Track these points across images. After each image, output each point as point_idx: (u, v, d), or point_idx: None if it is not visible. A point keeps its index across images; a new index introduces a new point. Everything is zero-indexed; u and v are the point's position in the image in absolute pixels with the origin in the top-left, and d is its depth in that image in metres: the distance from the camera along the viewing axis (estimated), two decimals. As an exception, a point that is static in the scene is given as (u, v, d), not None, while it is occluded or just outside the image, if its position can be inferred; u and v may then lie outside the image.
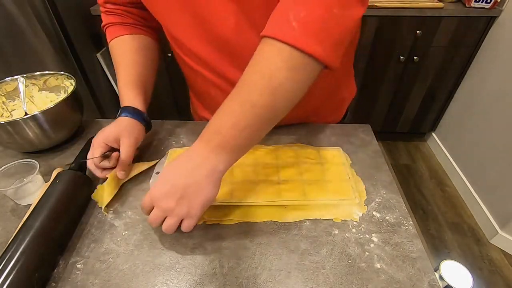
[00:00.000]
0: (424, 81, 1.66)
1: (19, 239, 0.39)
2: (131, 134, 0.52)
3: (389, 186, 0.53)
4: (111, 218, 0.48)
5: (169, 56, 1.55)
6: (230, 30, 0.47)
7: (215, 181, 0.40)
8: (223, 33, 0.48)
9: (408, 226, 0.46)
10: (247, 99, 0.37)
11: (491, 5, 1.38)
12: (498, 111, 1.42)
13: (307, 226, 0.47)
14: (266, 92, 0.36)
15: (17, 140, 0.55)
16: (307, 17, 0.34)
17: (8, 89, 0.65)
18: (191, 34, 0.52)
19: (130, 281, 0.40)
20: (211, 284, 0.40)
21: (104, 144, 0.51)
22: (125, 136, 0.51)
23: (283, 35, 0.34)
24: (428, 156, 1.90)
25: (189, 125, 0.68)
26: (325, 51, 0.35)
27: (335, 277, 0.40)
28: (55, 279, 0.40)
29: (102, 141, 0.50)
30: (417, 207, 1.59)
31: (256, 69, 0.37)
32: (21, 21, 1.22)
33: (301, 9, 0.34)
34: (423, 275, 0.40)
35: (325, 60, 0.36)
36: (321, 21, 0.34)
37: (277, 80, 0.36)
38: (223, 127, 0.39)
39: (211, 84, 0.59)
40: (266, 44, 0.37)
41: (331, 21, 0.34)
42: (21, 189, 0.49)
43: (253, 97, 0.37)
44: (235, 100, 0.39)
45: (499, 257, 1.35)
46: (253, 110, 0.37)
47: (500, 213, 1.38)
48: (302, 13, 0.34)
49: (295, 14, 0.34)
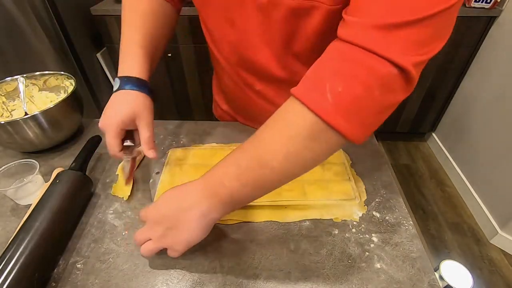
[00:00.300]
0: (424, 81, 1.66)
1: (19, 239, 0.39)
2: (146, 110, 0.46)
3: (389, 186, 0.53)
4: (111, 218, 0.48)
5: (169, 56, 1.56)
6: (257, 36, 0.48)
7: (206, 226, 0.38)
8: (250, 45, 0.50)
9: (408, 226, 0.46)
10: (258, 158, 0.34)
11: (491, 5, 1.38)
12: (498, 111, 1.42)
13: (307, 226, 0.47)
14: (279, 157, 0.33)
15: (17, 140, 0.55)
16: (343, 94, 0.30)
17: (8, 89, 0.65)
18: (224, 34, 0.52)
19: (130, 281, 0.40)
20: (211, 284, 0.40)
21: (120, 130, 0.45)
22: (142, 115, 0.46)
23: (314, 104, 0.31)
24: (428, 156, 1.90)
25: (189, 125, 0.68)
26: (354, 130, 0.32)
27: (335, 277, 0.40)
28: (55, 279, 0.40)
29: (118, 127, 0.45)
30: (417, 207, 1.59)
31: (276, 127, 0.34)
32: (21, 21, 1.22)
33: (339, 83, 0.30)
34: (423, 275, 0.40)
35: (351, 138, 0.32)
36: (358, 101, 0.30)
37: (294, 146, 0.33)
38: (226, 178, 0.36)
39: (233, 82, 0.60)
40: (293, 104, 0.33)
41: (369, 102, 0.31)
42: (21, 189, 0.49)
43: (265, 156, 0.34)
44: (245, 152, 0.36)
45: (499, 257, 1.35)
46: (262, 171, 0.34)
47: (500, 213, 1.38)
48: (339, 88, 0.30)
49: (331, 87, 0.30)
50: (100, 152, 0.60)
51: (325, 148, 0.34)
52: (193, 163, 0.56)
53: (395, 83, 0.30)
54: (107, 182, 0.54)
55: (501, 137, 1.39)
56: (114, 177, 0.55)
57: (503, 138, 1.38)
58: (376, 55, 0.28)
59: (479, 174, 1.53)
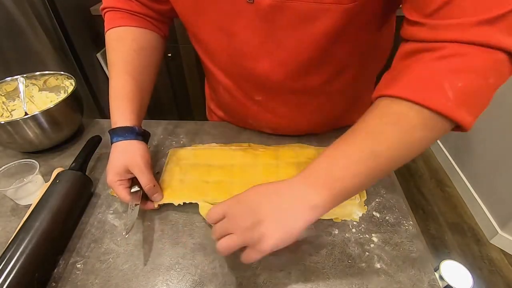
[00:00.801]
0: (424, 81, 1.65)
1: (19, 239, 0.39)
2: (137, 158, 0.47)
3: (389, 186, 0.53)
4: (111, 218, 0.48)
5: (169, 56, 1.56)
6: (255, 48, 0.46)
7: (310, 220, 0.35)
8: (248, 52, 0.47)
9: (408, 226, 0.46)
10: (371, 148, 0.34)
11: (491, 5, 1.38)
12: (498, 111, 1.42)
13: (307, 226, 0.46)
14: (395, 146, 0.34)
15: (17, 140, 0.55)
16: (464, 88, 0.32)
17: (8, 89, 0.65)
18: (219, 45, 0.49)
19: (130, 281, 0.40)
20: (211, 284, 0.40)
21: (119, 181, 0.46)
22: (134, 163, 0.46)
23: (435, 103, 0.32)
24: (428, 156, 1.90)
25: (189, 125, 0.68)
26: (472, 119, 0.34)
27: (335, 277, 0.40)
28: (55, 279, 0.40)
29: (116, 180, 0.46)
30: (417, 207, 1.59)
31: (387, 121, 0.35)
32: (21, 21, 1.22)
33: (458, 78, 0.32)
34: (423, 275, 0.40)
35: (468, 127, 0.34)
36: (477, 92, 0.33)
37: (411, 137, 0.34)
38: (335, 169, 0.35)
39: (230, 94, 0.57)
40: (397, 104, 0.34)
41: (486, 91, 0.33)
42: (21, 189, 0.49)
43: (379, 147, 0.34)
44: (353, 145, 0.36)
45: (499, 257, 1.35)
46: (376, 160, 0.34)
47: (500, 213, 1.38)
48: (459, 83, 0.32)
49: (451, 84, 0.32)
50: (100, 152, 0.60)
51: (440, 134, 0.36)
52: (193, 163, 0.56)
53: (505, 67, 0.32)
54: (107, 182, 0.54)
55: (501, 137, 1.39)
56: (114, 177, 0.55)
57: (503, 138, 1.38)
58: (486, 47, 0.31)
59: (479, 174, 1.53)
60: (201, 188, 0.50)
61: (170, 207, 0.49)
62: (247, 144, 0.61)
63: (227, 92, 0.58)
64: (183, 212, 0.49)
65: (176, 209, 0.49)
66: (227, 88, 0.57)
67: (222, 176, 0.53)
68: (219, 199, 0.48)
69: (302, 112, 0.57)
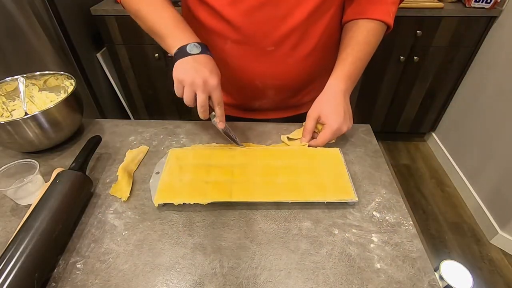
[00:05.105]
0: (424, 81, 1.66)
1: (19, 239, 0.39)
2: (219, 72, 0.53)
3: (389, 186, 0.53)
4: (111, 218, 0.48)
5: (169, 56, 1.55)
6: None
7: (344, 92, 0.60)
8: None
9: (408, 226, 0.46)
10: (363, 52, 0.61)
11: (491, 5, 1.38)
12: (498, 111, 1.42)
13: (307, 226, 0.47)
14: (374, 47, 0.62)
15: (17, 140, 0.55)
16: (396, 10, 0.62)
17: (8, 89, 0.65)
18: None
19: (130, 281, 0.40)
20: (211, 284, 0.40)
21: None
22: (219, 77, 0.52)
23: (390, 20, 0.60)
24: (428, 156, 1.90)
25: (189, 125, 0.68)
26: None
27: (335, 277, 0.40)
28: (55, 279, 0.40)
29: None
30: (417, 207, 1.59)
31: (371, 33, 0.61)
32: (21, 21, 1.22)
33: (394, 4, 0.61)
34: (423, 275, 0.40)
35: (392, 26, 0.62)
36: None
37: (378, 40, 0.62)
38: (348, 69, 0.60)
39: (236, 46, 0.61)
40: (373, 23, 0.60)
41: None
42: (21, 189, 0.49)
43: (369, 50, 0.62)
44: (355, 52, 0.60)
45: (499, 257, 1.35)
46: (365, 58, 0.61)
47: (500, 213, 1.38)
48: (394, 9, 0.61)
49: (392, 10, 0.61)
50: (100, 152, 0.60)
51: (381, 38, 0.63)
52: (193, 163, 0.56)
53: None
54: (107, 182, 0.54)
55: (501, 137, 1.39)
56: (114, 177, 0.55)
57: (503, 138, 1.38)
58: None
59: (479, 174, 1.53)
60: (201, 188, 0.50)
61: (170, 207, 0.49)
62: (247, 144, 0.61)
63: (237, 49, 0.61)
64: (183, 212, 0.49)
65: (176, 209, 0.49)
66: (239, 42, 0.60)
67: (222, 176, 0.53)
68: (219, 199, 0.48)
69: (306, 62, 0.65)
